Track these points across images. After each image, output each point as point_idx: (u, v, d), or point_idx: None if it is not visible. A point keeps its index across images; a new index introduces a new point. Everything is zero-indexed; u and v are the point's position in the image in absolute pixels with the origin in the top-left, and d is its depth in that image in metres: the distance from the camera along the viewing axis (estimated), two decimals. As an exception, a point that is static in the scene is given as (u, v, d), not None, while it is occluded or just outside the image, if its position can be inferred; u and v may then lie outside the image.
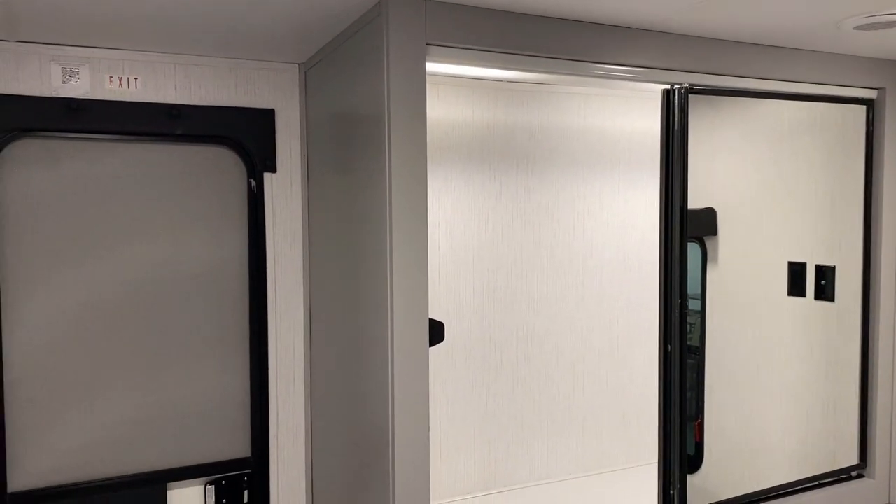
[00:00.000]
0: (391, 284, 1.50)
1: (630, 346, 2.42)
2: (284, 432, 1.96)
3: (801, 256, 2.20)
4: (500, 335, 2.22)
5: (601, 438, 2.37)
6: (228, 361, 1.89)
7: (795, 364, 2.15)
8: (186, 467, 1.85)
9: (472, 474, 2.18)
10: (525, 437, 2.25)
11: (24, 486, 1.70)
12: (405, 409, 1.53)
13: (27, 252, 1.68)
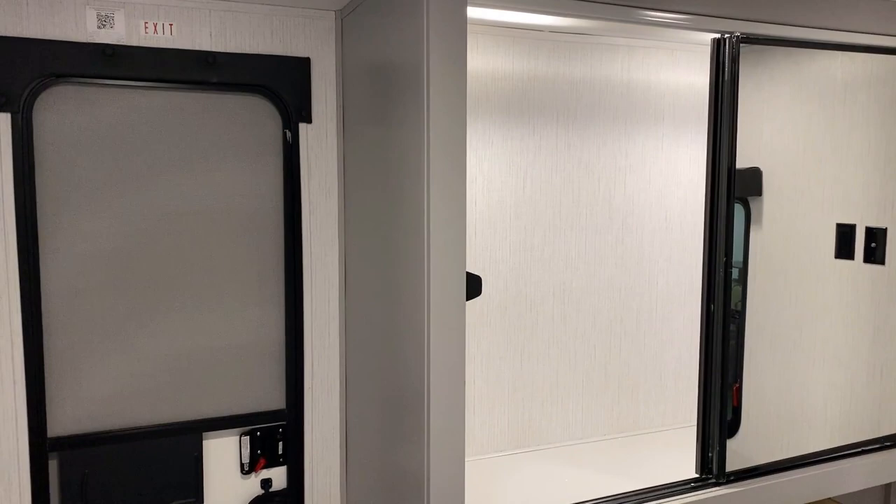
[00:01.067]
0: (428, 237, 1.46)
1: (669, 307, 2.37)
2: (319, 385, 1.96)
3: (850, 218, 2.12)
4: (536, 294, 2.19)
5: (637, 400, 2.34)
6: (264, 313, 1.89)
7: (841, 329, 2.08)
8: (222, 418, 1.86)
9: (505, 432, 2.17)
10: (559, 397, 2.23)
11: (64, 432, 1.72)
12: (441, 363, 1.51)
13: (63, 197, 1.68)
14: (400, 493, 1.69)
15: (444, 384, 1.52)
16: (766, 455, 1.96)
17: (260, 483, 1.92)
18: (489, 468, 2.05)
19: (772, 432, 1.97)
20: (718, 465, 1.88)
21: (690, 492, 1.86)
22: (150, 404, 1.79)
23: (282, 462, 1.94)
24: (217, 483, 1.87)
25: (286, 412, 1.93)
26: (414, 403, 1.58)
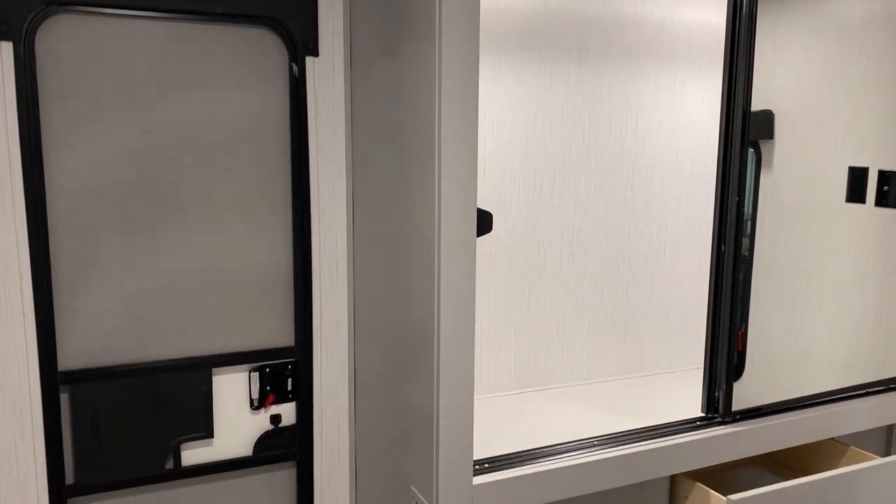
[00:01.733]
0: (439, 171, 1.45)
1: (678, 250, 2.36)
2: (327, 323, 1.96)
3: (863, 161, 2.09)
4: (544, 236, 2.17)
5: (643, 342, 2.35)
6: (272, 245, 1.87)
7: (849, 273, 2.08)
8: (231, 353, 1.87)
9: (511, 372, 2.18)
10: (566, 339, 2.24)
11: (74, 366, 1.73)
12: (451, 299, 1.51)
13: (66, 125, 1.65)
14: (409, 430, 1.71)
15: (454, 320, 1.52)
16: (770, 399, 1.97)
17: (269, 419, 1.94)
18: (495, 407, 2.06)
19: (776, 376, 1.98)
20: (724, 405, 1.89)
21: (697, 430, 1.88)
22: (160, 338, 1.79)
23: (291, 398, 1.96)
24: (227, 418, 1.89)
25: (295, 349, 1.94)
26: (423, 340, 1.59)
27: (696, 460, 1.84)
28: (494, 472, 1.63)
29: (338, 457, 2.03)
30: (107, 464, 1.77)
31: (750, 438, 1.90)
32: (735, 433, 1.88)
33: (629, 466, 1.76)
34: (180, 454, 1.85)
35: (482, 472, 1.63)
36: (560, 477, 1.68)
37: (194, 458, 1.87)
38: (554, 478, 1.67)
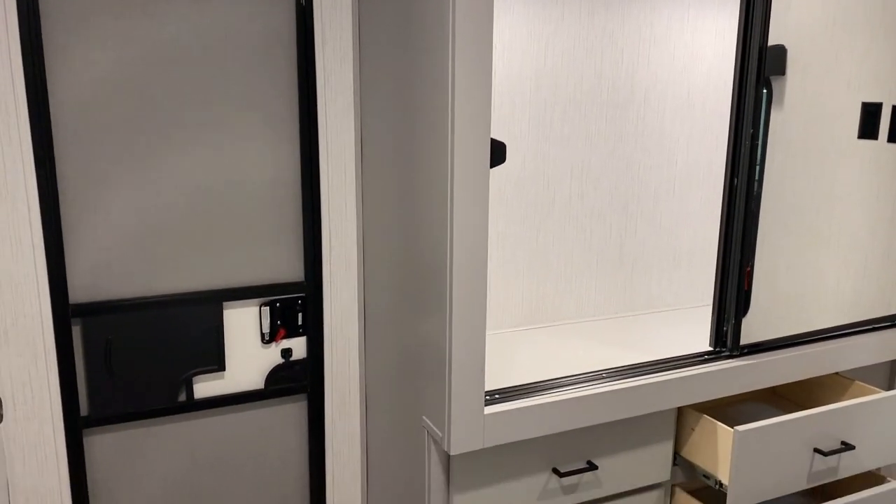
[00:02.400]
0: (452, 99, 1.42)
1: (687, 187, 2.34)
2: (337, 258, 1.96)
3: (877, 96, 2.06)
4: (553, 171, 2.15)
5: (650, 279, 2.35)
6: (280, 170, 1.86)
7: (859, 210, 2.06)
8: (242, 288, 1.87)
9: (519, 308, 2.19)
10: (574, 275, 2.24)
11: (85, 299, 1.73)
12: (464, 231, 1.50)
13: (69, 28, 1.60)
14: (420, 362, 1.72)
15: (467, 252, 1.51)
16: (775, 334, 1.98)
17: (280, 352, 1.95)
18: (503, 342, 2.08)
19: (782, 313, 1.99)
20: (733, 339, 1.91)
21: (705, 363, 1.89)
22: (170, 271, 1.79)
23: (301, 333, 1.97)
24: (238, 352, 1.90)
25: (305, 284, 1.94)
26: (436, 272, 1.58)
27: (704, 393, 1.86)
28: (505, 403, 1.65)
29: (348, 389, 2.05)
30: (120, 396, 1.79)
31: (757, 372, 1.92)
32: (742, 366, 1.90)
33: (637, 398, 1.78)
34: (192, 387, 1.86)
35: (493, 403, 1.64)
36: (569, 407, 1.70)
37: (206, 390, 1.89)
38: (563, 408, 1.69)
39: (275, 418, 1.99)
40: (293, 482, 2.05)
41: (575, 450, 1.80)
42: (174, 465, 1.89)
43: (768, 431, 1.79)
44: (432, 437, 1.67)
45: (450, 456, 1.68)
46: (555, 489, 1.79)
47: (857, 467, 1.94)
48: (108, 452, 1.81)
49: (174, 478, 1.90)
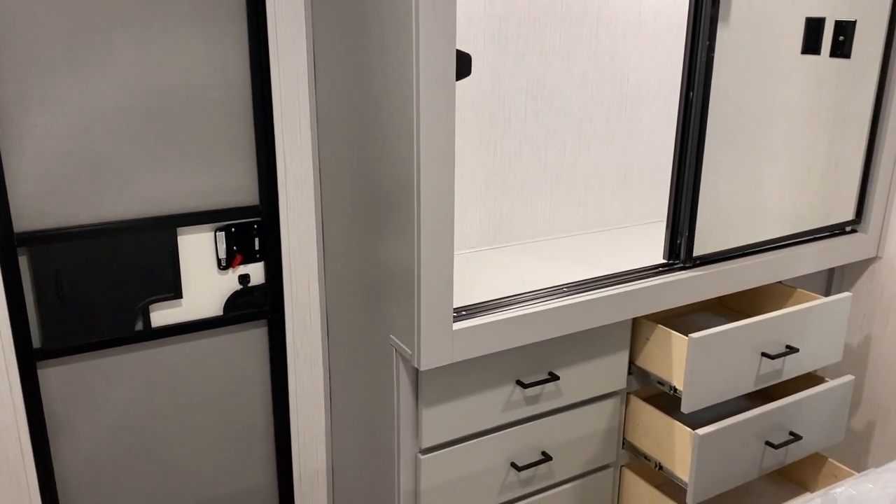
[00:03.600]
0: (417, 3, 1.38)
1: (638, 105, 2.36)
2: (292, 181, 1.91)
3: (820, 11, 2.09)
4: (509, 89, 2.13)
5: (603, 197, 2.38)
6: (228, 72, 1.79)
7: (801, 124, 2.12)
8: (195, 213, 1.81)
9: (477, 230, 2.19)
10: (529, 195, 2.25)
11: (31, 227, 1.65)
12: (431, 147, 1.48)
13: None
14: (385, 285, 1.71)
15: (434, 168, 1.49)
16: (722, 246, 2.04)
17: (238, 279, 1.92)
18: (462, 263, 2.08)
19: (729, 227, 2.04)
20: (686, 251, 1.96)
21: (659, 275, 1.95)
22: (123, 197, 1.72)
23: (258, 258, 1.93)
24: (195, 279, 1.86)
25: (260, 208, 1.90)
26: (402, 190, 1.56)
27: (659, 303, 1.92)
28: (472, 319, 1.67)
29: (308, 314, 2.04)
30: (74, 327, 1.74)
31: (708, 282, 1.99)
32: (695, 277, 1.96)
33: (596, 310, 1.82)
34: (149, 315, 1.82)
35: (460, 319, 1.66)
36: (532, 321, 1.73)
37: (164, 318, 1.85)
38: (526, 322, 1.72)
39: (235, 345, 1.97)
40: (256, 408, 2.05)
41: (537, 362, 1.85)
42: (134, 394, 1.86)
43: (720, 338, 1.87)
44: (401, 355, 1.68)
45: (419, 372, 1.69)
46: (518, 400, 1.84)
47: (800, 369, 2.06)
48: (65, 384, 1.77)
49: (135, 407, 1.87)
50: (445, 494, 1.81)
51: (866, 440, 2.40)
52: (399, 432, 1.74)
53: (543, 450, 1.93)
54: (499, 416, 1.83)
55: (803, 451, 2.08)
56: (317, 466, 2.18)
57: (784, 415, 2.00)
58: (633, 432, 2.07)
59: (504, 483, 1.89)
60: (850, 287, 2.41)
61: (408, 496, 1.79)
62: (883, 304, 2.31)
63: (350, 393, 2.00)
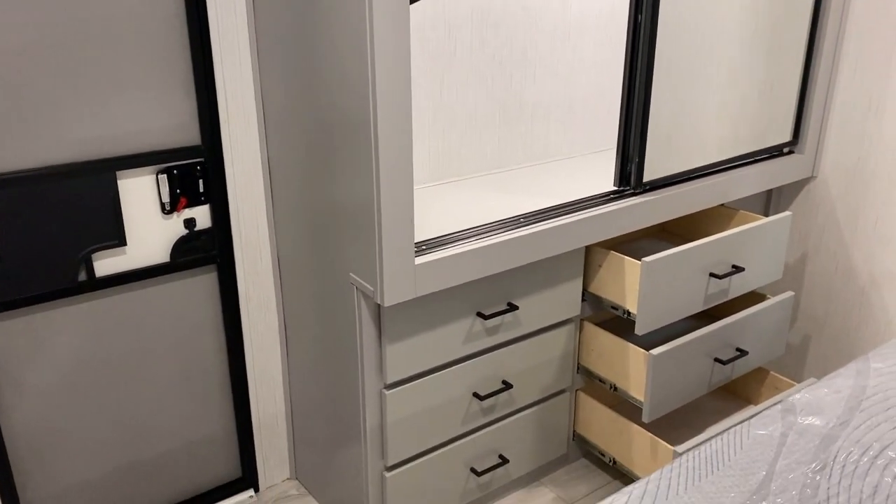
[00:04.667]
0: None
1: (582, 32, 2.34)
2: (235, 119, 1.83)
3: (758, -66, 2.10)
4: (454, 18, 2.08)
5: (549, 128, 2.38)
6: (164, 39, 1.68)
7: (737, 49, 2.14)
8: (134, 155, 1.72)
9: (426, 165, 2.16)
10: (477, 127, 2.22)
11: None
12: (387, 75, 1.43)
13: None
14: (342, 223, 1.67)
15: (391, 99, 1.45)
16: (667, 172, 2.07)
17: (183, 223, 1.84)
18: (416, 198, 2.05)
19: (673, 153, 2.07)
20: (636, 177, 1.98)
21: (611, 202, 1.97)
22: (50, 137, 1.61)
23: (204, 201, 1.86)
24: (138, 225, 1.78)
25: (202, 148, 1.81)
26: (356, 124, 1.51)
27: (611, 230, 1.95)
28: (433, 253, 1.65)
29: (259, 256, 1.98)
30: (14, 280, 1.64)
31: (657, 207, 2.02)
32: (645, 203, 1.99)
33: (554, 239, 1.84)
34: (93, 265, 1.74)
35: (422, 254, 1.64)
36: (493, 253, 1.73)
37: (109, 267, 1.77)
38: (488, 254, 1.72)
39: (184, 292, 1.90)
40: (210, 355, 2.00)
41: (496, 293, 1.85)
42: (83, 347, 1.78)
43: (671, 260, 1.92)
44: (362, 293, 1.66)
45: (381, 309, 1.68)
46: (479, 332, 1.85)
47: (744, 287, 2.13)
48: (8, 340, 1.68)
49: (84, 361, 1.80)
50: (411, 427, 1.82)
51: (803, 352, 2.53)
52: (363, 369, 1.73)
53: (504, 378, 1.96)
54: (461, 348, 1.84)
55: (748, 366, 2.17)
56: (275, 409, 2.16)
57: (731, 332, 2.08)
58: (587, 357, 2.12)
59: (467, 412, 1.92)
60: (786, 207, 2.49)
61: (374, 431, 1.80)
62: (818, 222, 2.40)
63: (307, 334, 1.97)
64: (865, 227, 2.28)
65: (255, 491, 2.18)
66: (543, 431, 2.13)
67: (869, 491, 1.13)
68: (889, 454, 1.21)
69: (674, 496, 1.13)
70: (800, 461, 1.20)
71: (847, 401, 1.35)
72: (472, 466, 1.99)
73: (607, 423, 2.12)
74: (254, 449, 2.15)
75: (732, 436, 1.27)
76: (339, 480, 1.99)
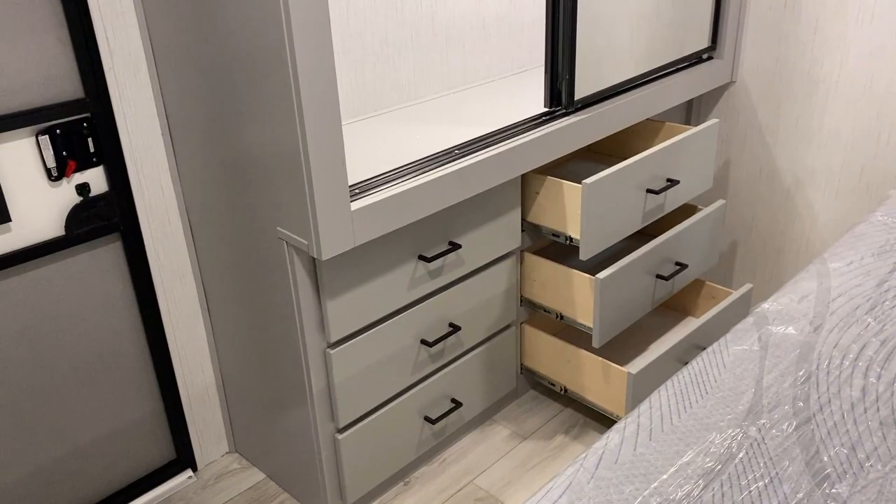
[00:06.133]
0: None
1: (491, -56, 2.19)
2: (122, 65, 1.60)
3: None
4: (354, -65, 1.88)
5: (465, 50, 2.23)
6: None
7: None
8: (7, 115, 1.47)
9: (341, 100, 1.98)
10: (391, 56, 2.05)
11: None
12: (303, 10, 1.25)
13: None
14: (262, 173, 1.50)
15: (309, 28, 1.27)
16: (593, 90, 1.98)
17: (76, 189, 1.62)
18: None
19: (600, 68, 1.98)
20: (567, 95, 1.88)
21: (545, 124, 1.86)
22: None
23: (96, 162, 1.63)
24: (23, 197, 1.54)
25: (87, 101, 1.58)
26: (269, 61, 1.33)
27: (548, 154, 1.86)
28: (368, 196, 1.51)
29: (167, 219, 1.78)
30: None
31: (591, 125, 1.94)
32: (578, 122, 1.90)
33: (492, 169, 1.73)
34: (-27, 248, 1.50)
35: (356, 198, 1.50)
36: (432, 190, 1.60)
37: (-7, 249, 1.53)
38: (426, 192, 1.60)
39: (87, 266, 1.69)
40: (125, 333, 1.80)
41: (437, 233, 1.74)
42: (-26, 344, 1.56)
43: (611, 179, 1.85)
44: (294, 248, 1.51)
45: (318, 263, 1.53)
46: (423, 275, 1.74)
47: (679, 200, 2.10)
48: None
49: (-22, 359, 1.57)
50: (360, 384, 1.71)
51: (731, 259, 2.56)
52: (303, 330, 1.59)
53: (451, 321, 1.87)
54: (405, 295, 1.72)
55: (686, 279, 2.16)
56: (205, 382, 1.99)
57: (669, 247, 2.05)
58: (530, 289, 2.05)
59: (416, 361, 1.82)
60: (707, 116, 2.47)
61: (321, 394, 1.67)
62: (739, 127, 2.39)
63: (232, 298, 1.80)
64: (787, 128, 2.29)
65: (193, 471, 2.03)
66: (493, 369, 2.06)
67: (857, 395, 1.11)
68: (868, 354, 1.19)
69: (669, 426, 1.07)
70: (784, 373, 1.17)
71: (815, 305, 1.33)
72: (425, 415, 1.91)
73: (555, 353, 2.07)
74: (186, 426, 1.99)
75: (711, 355, 1.22)
76: (286, 448, 1.86)
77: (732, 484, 0.96)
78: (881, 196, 2.16)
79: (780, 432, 1.04)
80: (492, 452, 2.04)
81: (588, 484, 0.97)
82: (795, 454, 1.01)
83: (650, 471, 0.99)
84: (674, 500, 0.94)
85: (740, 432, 1.05)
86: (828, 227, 2.29)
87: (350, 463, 1.77)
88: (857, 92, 2.11)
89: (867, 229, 1.58)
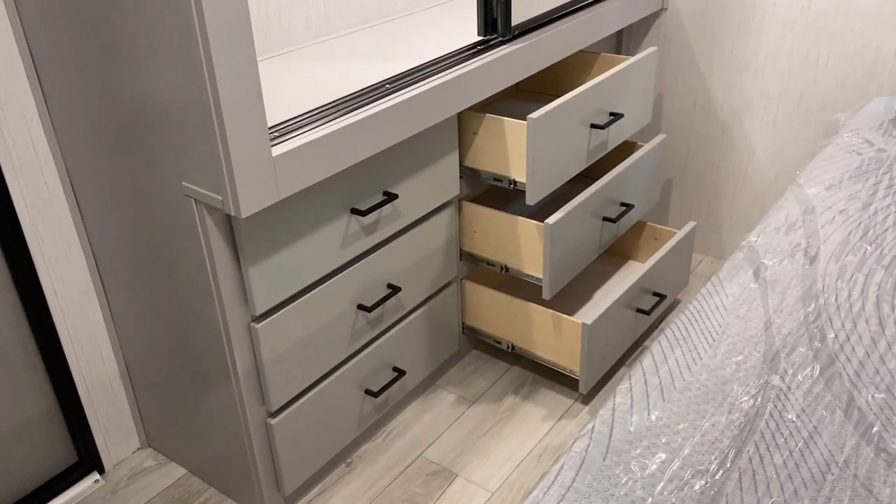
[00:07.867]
0: None
1: None
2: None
3: None
4: None
5: (381, -20, 1.99)
6: None
7: None
8: None
9: (242, 37, 1.71)
10: (297, -15, 1.79)
11: None
12: None
13: None
14: (160, 123, 1.24)
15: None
16: (529, 16, 1.80)
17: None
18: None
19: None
20: (504, 22, 1.69)
21: (481, 54, 1.67)
22: None
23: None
24: None
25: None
26: (155, -32, 1.07)
27: (486, 88, 1.66)
28: (292, 139, 1.28)
29: (44, 181, 1.49)
30: None
31: (529, 55, 1.75)
32: (517, 50, 1.71)
33: (428, 106, 1.52)
34: None
35: (278, 142, 1.26)
36: (363, 130, 1.39)
37: None
38: (357, 133, 1.38)
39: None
40: (2, 319, 1.51)
41: (370, 183, 1.52)
42: None
43: (556, 114, 1.68)
44: (204, 205, 1.26)
45: (235, 222, 1.29)
46: (356, 232, 1.53)
47: (621, 136, 1.96)
48: None
49: None
50: (292, 360, 1.49)
51: (666, 197, 2.47)
52: (221, 303, 1.35)
53: (389, 282, 1.67)
54: (338, 256, 1.50)
55: (631, 221, 2.04)
56: (105, 371, 1.72)
57: (615, 186, 1.91)
58: (469, 241, 1.87)
59: (353, 329, 1.61)
60: (638, 48, 2.33)
61: (248, 375, 1.45)
62: (672, 57, 2.27)
63: (133, 272, 1.53)
64: (722, 56, 2.18)
65: (100, 473, 1.76)
66: (434, 331, 1.88)
67: (876, 329, 0.99)
68: (874, 282, 1.08)
69: (681, 383, 0.92)
70: (791, 311, 1.04)
71: (806, 235, 1.21)
72: (366, 388, 1.71)
73: (500, 309, 1.91)
74: (87, 424, 1.72)
75: (707, 297, 1.08)
76: (209, 439, 1.63)
77: (769, 445, 0.82)
78: (821, 122, 2.09)
79: (806, 379, 0.91)
80: (439, 421, 1.87)
81: (604, 460, 0.80)
82: (828, 401, 0.88)
83: (673, 438, 0.83)
84: (706, 471, 0.79)
85: (763, 382, 0.91)
86: (765, 158, 2.22)
87: (285, 449, 1.56)
88: (796, 12, 2.01)
89: (836, 152, 1.48)
